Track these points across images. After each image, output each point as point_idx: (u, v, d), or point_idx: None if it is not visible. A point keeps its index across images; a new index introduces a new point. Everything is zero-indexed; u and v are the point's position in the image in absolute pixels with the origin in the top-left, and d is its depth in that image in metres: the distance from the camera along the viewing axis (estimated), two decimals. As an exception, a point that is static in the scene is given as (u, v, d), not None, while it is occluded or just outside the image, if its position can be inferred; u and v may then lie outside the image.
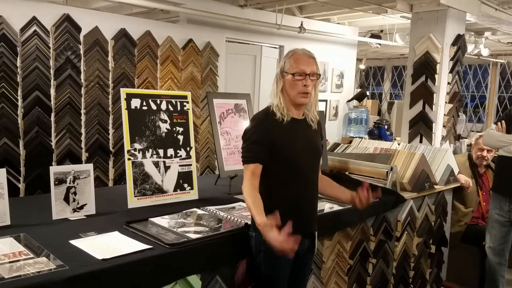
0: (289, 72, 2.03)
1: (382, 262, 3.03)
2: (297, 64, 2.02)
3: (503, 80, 9.28)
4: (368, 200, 2.16)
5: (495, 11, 4.66)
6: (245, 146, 2.04)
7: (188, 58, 4.77)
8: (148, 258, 1.79)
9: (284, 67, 2.05)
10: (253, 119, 2.11)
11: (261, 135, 2.00)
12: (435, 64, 4.37)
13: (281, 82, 2.06)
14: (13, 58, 3.65)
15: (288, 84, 2.04)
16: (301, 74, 2.01)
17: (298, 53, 2.07)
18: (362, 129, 7.19)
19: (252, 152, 2.01)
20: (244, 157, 2.04)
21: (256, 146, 2.00)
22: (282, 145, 2.01)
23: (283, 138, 2.02)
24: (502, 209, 3.45)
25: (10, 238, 1.88)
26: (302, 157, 2.06)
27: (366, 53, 9.17)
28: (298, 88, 2.02)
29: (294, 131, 2.06)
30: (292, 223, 1.96)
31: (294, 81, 2.02)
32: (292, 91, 2.03)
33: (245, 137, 2.06)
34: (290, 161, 2.03)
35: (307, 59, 2.05)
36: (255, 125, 2.05)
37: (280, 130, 2.01)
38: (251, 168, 2.00)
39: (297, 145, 2.05)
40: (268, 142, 1.99)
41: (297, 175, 2.05)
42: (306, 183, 2.08)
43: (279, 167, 2.02)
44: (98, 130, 4.17)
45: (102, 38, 4.12)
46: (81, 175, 2.24)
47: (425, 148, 3.78)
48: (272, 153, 2.00)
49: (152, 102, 2.59)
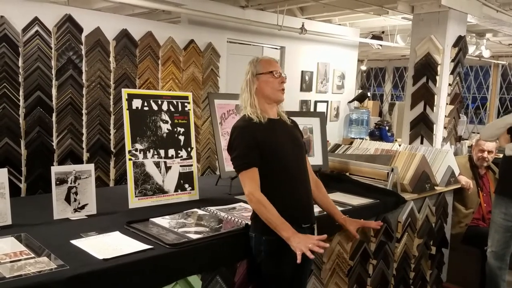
0: (266, 72, 2.11)
1: (383, 263, 3.03)
2: (270, 65, 2.14)
3: (504, 81, 9.28)
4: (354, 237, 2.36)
5: (497, 12, 4.66)
6: (236, 154, 2.04)
7: (189, 59, 4.78)
8: (149, 258, 1.79)
9: (256, 70, 2.13)
10: (235, 128, 2.11)
11: (248, 140, 2.03)
12: (436, 65, 4.37)
13: (254, 85, 2.12)
14: (15, 58, 3.65)
15: (264, 84, 2.11)
16: (277, 72, 2.12)
17: (264, 58, 2.21)
18: (363, 130, 7.19)
19: (246, 158, 2.02)
20: (239, 165, 2.03)
21: (248, 151, 2.02)
22: (269, 145, 2.04)
23: (268, 138, 2.05)
24: (507, 213, 3.35)
25: (11, 237, 1.89)
26: (288, 153, 2.10)
27: (367, 54, 9.17)
28: (275, 86, 2.12)
29: (275, 130, 2.11)
30: (290, 218, 1.99)
31: (272, 79, 2.11)
32: (270, 89, 2.11)
33: (233, 146, 2.07)
34: (278, 160, 2.06)
35: (275, 63, 2.20)
36: (239, 132, 2.06)
37: (262, 131, 2.05)
38: (250, 174, 2.01)
39: (280, 141, 2.10)
40: (256, 145, 2.02)
41: (287, 171, 2.07)
42: (297, 178, 2.11)
43: (269, 167, 2.04)
44: (100, 130, 4.18)
45: (103, 38, 4.13)
46: (82, 175, 2.25)
47: (426, 149, 3.78)
48: (261, 155, 2.02)
49: (153, 103, 2.60)
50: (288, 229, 1.94)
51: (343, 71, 6.76)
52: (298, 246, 1.88)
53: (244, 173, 2.01)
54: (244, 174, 2.01)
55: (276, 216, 1.96)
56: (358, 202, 2.82)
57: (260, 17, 5.32)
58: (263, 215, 1.97)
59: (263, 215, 1.97)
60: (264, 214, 1.97)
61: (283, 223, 1.95)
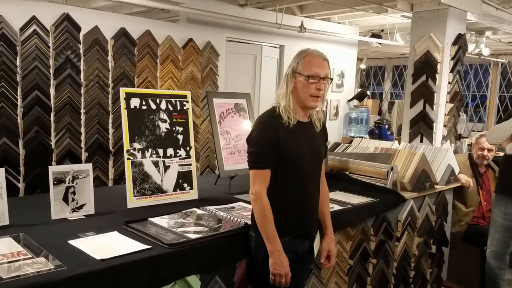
0: (303, 74, 1.96)
1: (383, 262, 3.02)
2: (311, 66, 1.96)
3: (504, 79, 9.27)
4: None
5: (496, 10, 4.65)
6: (255, 150, 1.96)
7: (188, 58, 4.76)
8: (147, 258, 1.78)
9: (297, 67, 1.98)
10: (260, 122, 2.01)
11: (270, 139, 1.94)
12: (435, 63, 4.36)
13: (292, 83, 1.99)
14: (12, 57, 3.64)
15: (300, 86, 1.97)
16: (315, 77, 1.95)
17: (312, 54, 2.00)
18: (362, 129, 7.18)
19: (263, 157, 1.94)
20: (254, 162, 1.96)
21: (268, 151, 1.94)
22: (287, 149, 1.96)
23: (288, 142, 1.96)
24: (507, 212, 3.34)
25: (9, 238, 1.88)
26: (305, 161, 2.02)
27: (366, 52, 9.16)
28: (310, 91, 1.96)
29: (299, 134, 2.00)
30: (293, 226, 1.97)
31: (308, 84, 1.95)
32: (303, 93, 1.97)
33: (253, 141, 1.98)
34: (293, 165, 1.99)
35: (322, 62, 1.99)
36: (263, 129, 1.97)
37: (285, 133, 1.96)
38: (262, 174, 1.95)
39: (301, 149, 2.00)
40: (276, 146, 1.94)
41: (299, 179, 2.02)
42: (307, 186, 2.06)
43: (281, 171, 1.98)
44: (98, 129, 4.16)
45: (102, 37, 4.12)
46: (80, 175, 2.23)
47: (425, 147, 3.77)
48: (277, 157, 1.96)
49: (151, 102, 2.59)
50: (276, 244, 1.93)
51: (343, 69, 6.75)
52: (275, 267, 1.93)
53: (257, 172, 1.96)
54: (256, 173, 1.96)
55: (271, 226, 1.93)
56: (358, 201, 2.81)
57: (259, 16, 5.30)
58: (260, 219, 1.95)
59: (260, 219, 1.95)
60: (262, 219, 1.94)
61: (273, 237, 1.93)
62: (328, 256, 2.20)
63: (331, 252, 2.19)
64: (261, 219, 1.95)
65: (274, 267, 1.93)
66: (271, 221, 1.93)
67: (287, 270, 1.94)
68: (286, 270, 1.93)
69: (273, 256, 1.93)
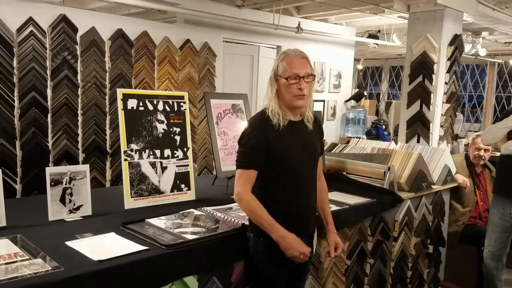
0: (283, 76, 1.99)
1: (380, 262, 3.03)
2: (290, 67, 1.98)
3: (501, 80, 9.29)
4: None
5: (492, 11, 4.66)
6: (243, 151, 2.01)
7: (185, 59, 4.76)
8: (145, 259, 1.78)
9: (278, 70, 2.01)
10: (250, 124, 2.05)
11: (258, 141, 1.97)
12: (432, 64, 4.37)
13: (275, 85, 2.02)
14: (9, 58, 3.63)
15: (283, 88, 2.00)
16: (295, 78, 1.98)
17: (290, 55, 2.02)
18: (359, 129, 7.19)
19: (250, 158, 1.98)
20: (241, 162, 2.00)
21: (254, 152, 1.97)
22: (278, 150, 1.98)
23: (280, 143, 1.99)
24: (505, 213, 3.34)
25: (6, 239, 1.88)
26: (298, 162, 2.03)
27: (363, 53, 9.17)
28: (293, 92, 1.98)
29: (291, 135, 2.02)
30: (290, 226, 1.97)
31: (289, 85, 1.98)
32: (287, 94, 2.00)
33: (242, 142, 2.03)
34: (286, 166, 2.01)
35: (300, 60, 2.01)
36: (252, 131, 2.01)
37: (276, 135, 1.98)
38: (247, 174, 1.98)
39: (292, 149, 2.02)
40: (265, 148, 1.97)
41: (293, 179, 2.03)
42: (302, 186, 2.07)
43: (275, 172, 2.00)
44: (95, 130, 4.16)
45: (99, 38, 4.11)
46: (77, 176, 2.23)
47: (422, 148, 3.78)
48: (268, 158, 1.98)
49: (148, 103, 2.59)
50: (278, 230, 1.94)
51: (340, 70, 6.76)
52: (287, 253, 1.95)
53: (242, 171, 1.99)
54: (242, 173, 1.99)
55: (265, 217, 1.95)
56: (355, 201, 2.82)
57: (256, 17, 5.31)
58: (251, 215, 1.99)
59: (251, 215, 1.99)
60: (253, 215, 1.98)
61: (271, 225, 1.94)
62: (336, 248, 2.23)
63: (338, 243, 2.23)
64: (253, 215, 1.98)
65: (286, 252, 1.96)
66: (263, 212, 1.95)
67: (299, 249, 1.96)
68: (299, 249, 1.96)
69: (280, 244, 1.95)
